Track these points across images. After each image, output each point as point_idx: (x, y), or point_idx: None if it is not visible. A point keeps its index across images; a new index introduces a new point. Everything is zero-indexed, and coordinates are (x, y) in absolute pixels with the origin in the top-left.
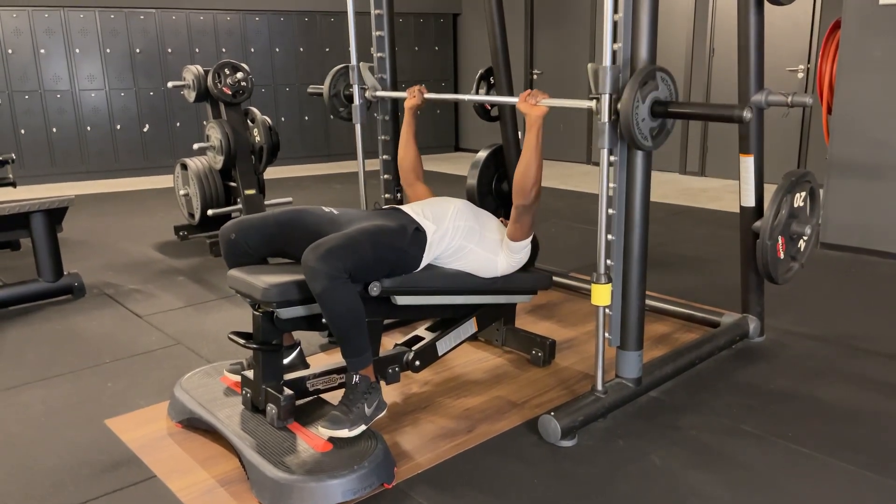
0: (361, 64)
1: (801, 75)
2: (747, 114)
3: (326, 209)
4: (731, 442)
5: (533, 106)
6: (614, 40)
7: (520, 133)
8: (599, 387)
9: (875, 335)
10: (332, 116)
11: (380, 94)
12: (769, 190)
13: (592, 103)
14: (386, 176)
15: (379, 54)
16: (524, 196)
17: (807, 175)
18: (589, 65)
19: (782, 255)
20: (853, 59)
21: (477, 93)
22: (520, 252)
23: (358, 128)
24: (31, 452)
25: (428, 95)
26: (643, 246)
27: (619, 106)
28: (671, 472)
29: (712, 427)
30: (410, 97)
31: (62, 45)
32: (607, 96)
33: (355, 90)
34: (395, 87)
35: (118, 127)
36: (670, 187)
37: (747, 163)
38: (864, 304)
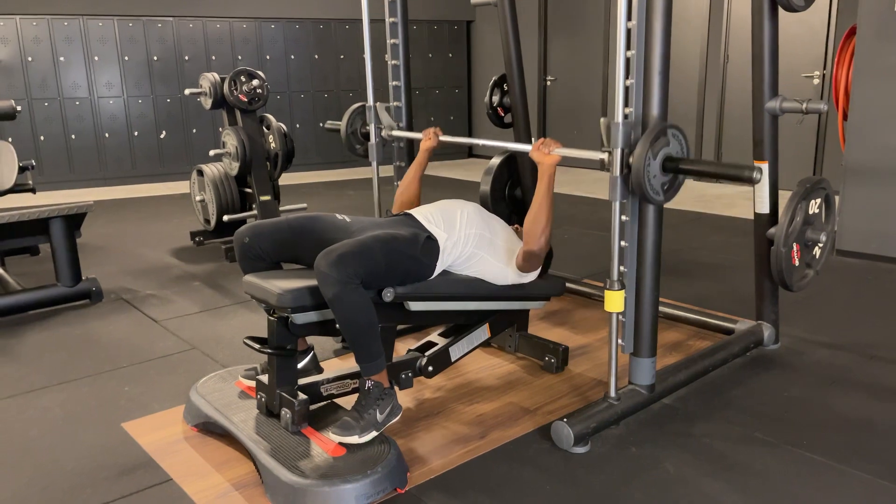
0: (378, 104)
1: (816, 81)
2: (757, 175)
3: (339, 216)
4: (746, 450)
5: (546, 155)
6: (625, 103)
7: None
8: (612, 393)
9: (891, 343)
10: (349, 153)
11: (395, 133)
12: (784, 197)
13: (604, 156)
14: (399, 182)
15: (393, 62)
16: (534, 242)
17: (822, 182)
18: (601, 119)
19: (797, 262)
20: (869, 65)
21: (491, 99)
22: (528, 278)
23: (374, 165)
24: (49, 456)
25: (443, 138)
26: (656, 252)
27: (630, 161)
28: (684, 480)
29: (726, 435)
30: (426, 139)
31: (81, 53)
32: (619, 151)
33: (372, 129)
34: (410, 126)
35: (135, 134)
36: (685, 194)
37: (762, 169)
38: (881, 312)
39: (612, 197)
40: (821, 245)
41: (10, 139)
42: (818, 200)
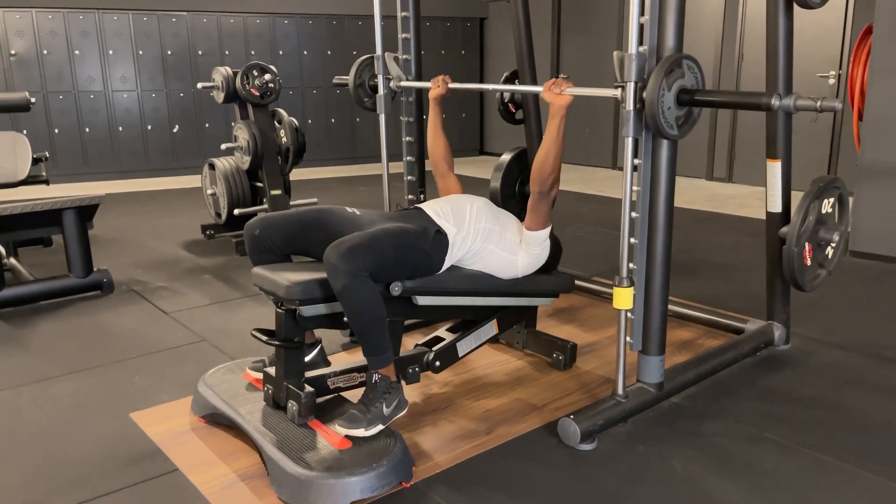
0: (387, 53)
1: (832, 81)
2: (775, 101)
3: (349, 209)
4: (755, 450)
5: (557, 95)
6: (640, 42)
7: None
8: (620, 391)
9: None
10: (357, 105)
11: (404, 83)
12: (797, 198)
13: (618, 92)
14: (410, 177)
15: (405, 56)
16: (542, 182)
17: (835, 181)
18: (615, 52)
19: (809, 262)
20: (885, 64)
21: (502, 95)
22: (538, 246)
23: (382, 118)
24: (58, 444)
25: (452, 85)
26: (667, 249)
27: (644, 94)
28: (692, 479)
29: (735, 434)
30: (434, 87)
31: (96, 46)
32: (632, 84)
33: (380, 80)
34: (419, 78)
35: (149, 127)
36: (697, 193)
37: (774, 168)
38: (894, 314)
39: (625, 132)
40: (833, 245)
41: (24, 131)
42: (831, 200)
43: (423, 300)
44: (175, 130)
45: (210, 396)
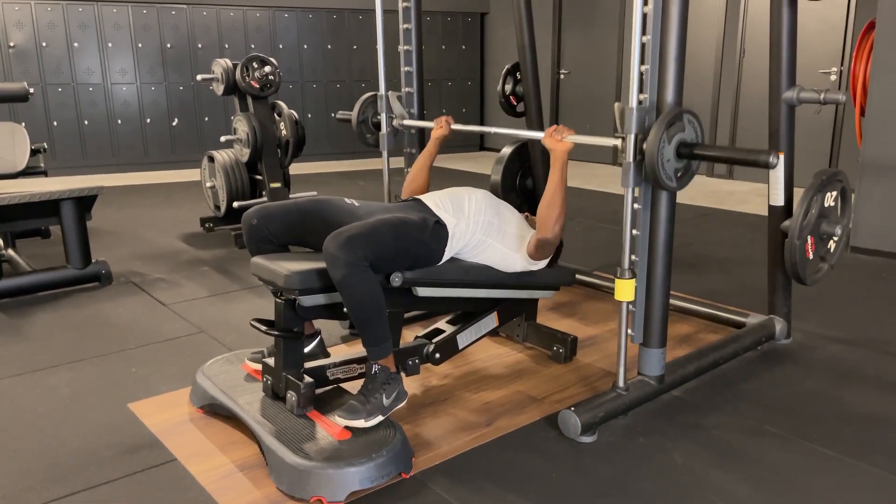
0: (389, 92)
1: (833, 77)
2: (774, 159)
3: (348, 200)
4: (755, 442)
5: (559, 141)
6: (640, 89)
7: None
8: (621, 383)
9: None
10: (360, 142)
11: (407, 122)
12: (798, 195)
13: (618, 142)
14: (410, 171)
15: (405, 47)
16: (547, 230)
17: (838, 174)
18: (615, 104)
19: (811, 256)
20: (887, 59)
21: (503, 87)
22: (537, 266)
23: (385, 154)
24: (56, 434)
25: (455, 126)
26: (668, 241)
27: (644, 146)
28: (692, 471)
29: (736, 427)
30: (437, 127)
31: (95, 39)
32: (633, 136)
33: (383, 118)
34: (421, 114)
35: (148, 121)
36: (698, 189)
37: (778, 154)
38: (895, 309)
39: (625, 183)
40: (836, 239)
41: (23, 124)
42: (834, 193)
43: (423, 291)
44: (174, 124)
45: (209, 387)
